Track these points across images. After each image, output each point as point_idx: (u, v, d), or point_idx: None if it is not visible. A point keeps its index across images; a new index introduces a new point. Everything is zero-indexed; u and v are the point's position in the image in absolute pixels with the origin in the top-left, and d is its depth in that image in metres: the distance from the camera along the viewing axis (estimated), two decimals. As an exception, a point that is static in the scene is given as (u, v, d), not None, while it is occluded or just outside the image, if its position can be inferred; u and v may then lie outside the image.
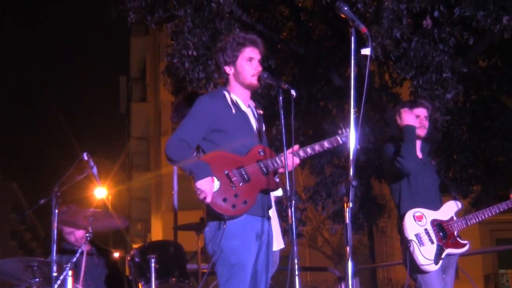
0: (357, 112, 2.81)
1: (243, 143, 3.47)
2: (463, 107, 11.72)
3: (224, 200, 3.32)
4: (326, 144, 3.57)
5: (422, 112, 4.51)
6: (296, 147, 3.51)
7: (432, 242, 4.24)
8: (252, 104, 3.69)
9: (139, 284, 4.75)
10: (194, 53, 9.34)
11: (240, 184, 3.36)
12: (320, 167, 12.99)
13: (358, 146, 3.54)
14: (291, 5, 12.26)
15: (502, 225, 22.93)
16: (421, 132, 4.49)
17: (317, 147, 3.56)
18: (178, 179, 10.00)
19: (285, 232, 11.20)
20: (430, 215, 4.32)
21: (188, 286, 4.88)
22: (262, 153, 3.49)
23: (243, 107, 3.59)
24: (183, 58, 9.44)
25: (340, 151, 3.72)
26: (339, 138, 3.58)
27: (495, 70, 12.08)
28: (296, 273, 3.07)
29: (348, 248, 2.71)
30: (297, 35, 12.53)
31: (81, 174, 4.51)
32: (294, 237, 3.09)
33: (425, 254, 4.19)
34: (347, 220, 2.72)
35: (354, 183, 2.72)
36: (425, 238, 4.24)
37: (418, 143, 4.54)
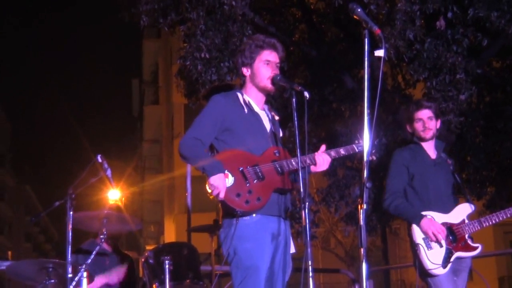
0: (370, 114, 2.80)
1: (257, 144, 3.49)
2: (477, 109, 11.64)
3: (238, 195, 3.33)
4: (342, 151, 3.64)
5: (424, 114, 4.42)
6: (323, 147, 3.56)
7: (441, 246, 4.19)
8: (267, 108, 3.71)
9: (153, 286, 4.76)
10: (207, 56, 9.36)
11: (254, 181, 3.38)
12: (333, 169, 12.95)
13: (374, 158, 3.55)
14: (303, 7, 12.26)
15: (516, 228, 22.73)
16: (426, 134, 4.42)
17: (333, 153, 3.61)
18: (191, 181, 10.03)
19: (299, 234, 11.22)
20: (439, 218, 4.25)
21: (202, 287, 4.89)
22: (277, 154, 3.51)
23: (257, 108, 3.61)
24: (195, 61, 9.46)
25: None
26: (355, 147, 3.65)
27: (509, 71, 11.98)
28: (310, 274, 3.06)
29: (362, 250, 2.69)
30: (309, 37, 12.53)
31: (95, 177, 4.51)
32: (308, 238, 3.08)
33: (432, 258, 4.14)
34: (362, 222, 2.70)
35: (368, 184, 2.71)
36: (433, 241, 4.20)
37: (432, 142, 4.49)
